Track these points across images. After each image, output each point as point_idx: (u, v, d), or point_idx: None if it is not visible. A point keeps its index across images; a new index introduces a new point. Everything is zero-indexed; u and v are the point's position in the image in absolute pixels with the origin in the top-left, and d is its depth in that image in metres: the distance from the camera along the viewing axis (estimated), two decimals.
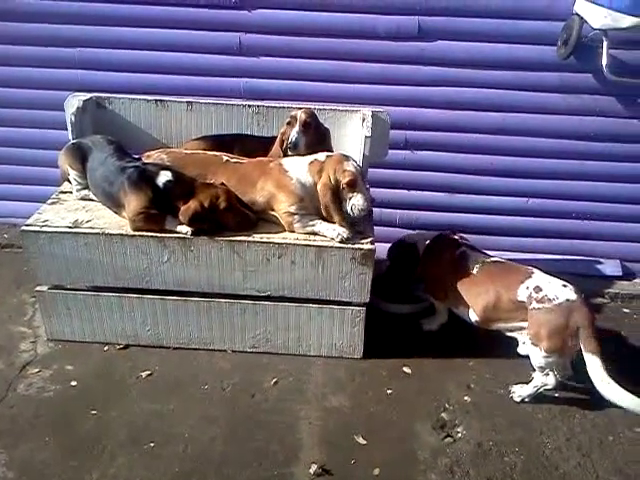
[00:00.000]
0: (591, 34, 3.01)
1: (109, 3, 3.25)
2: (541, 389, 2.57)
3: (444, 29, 3.18)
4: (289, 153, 2.76)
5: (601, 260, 3.60)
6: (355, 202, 2.59)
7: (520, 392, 2.62)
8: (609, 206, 3.50)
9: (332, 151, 2.80)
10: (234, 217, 2.59)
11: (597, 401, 2.42)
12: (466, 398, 2.64)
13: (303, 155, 2.72)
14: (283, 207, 2.61)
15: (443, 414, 2.55)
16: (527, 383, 2.61)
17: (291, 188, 2.59)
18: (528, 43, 3.17)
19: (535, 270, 2.61)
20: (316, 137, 2.81)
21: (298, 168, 2.63)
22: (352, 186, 2.57)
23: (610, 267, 3.57)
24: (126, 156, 2.72)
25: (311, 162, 2.64)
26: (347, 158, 2.64)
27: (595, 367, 2.36)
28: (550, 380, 2.53)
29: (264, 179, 2.65)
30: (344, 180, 2.56)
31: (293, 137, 2.74)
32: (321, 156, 2.66)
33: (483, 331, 2.73)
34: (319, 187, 2.58)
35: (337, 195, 2.59)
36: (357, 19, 3.18)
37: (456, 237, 2.90)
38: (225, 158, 2.76)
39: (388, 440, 2.42)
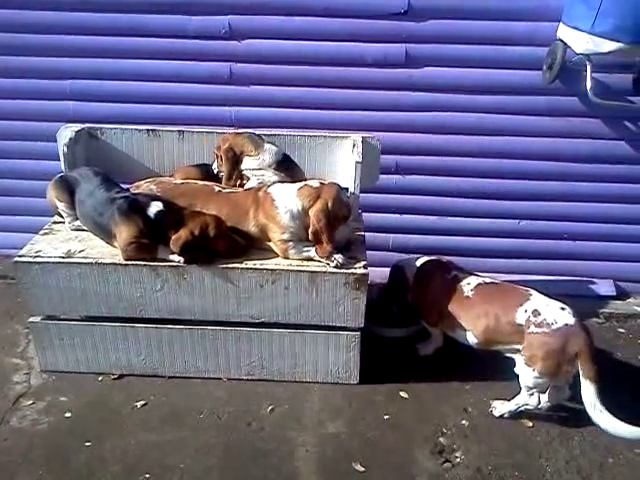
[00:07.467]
0: (575, 58, 3.06)
1: (100, 36, 3.29)
2: (522, 407, 2.57)
3: (431, 56, 3.24)
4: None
5: (594, 280, 3.61)
6: (343, 231, 2.68)
7: (500, 408, 2.62)
8: (600, 226, 3.53)
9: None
10: (225, 244, 2.58)
11: None
12: (464, 422, 2.62)
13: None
14: (276, 236, 2.62)
15: (441, 439, 2.53)
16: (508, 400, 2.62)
17: (280, 217, 2.59)
18: (514, 68, 3.23)
19: (533, 292, 2.59)
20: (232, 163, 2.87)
21: (286, 196, 2.62)
22: (347, 219, 2.67)
23: (604, 287, 3.59)
24: (114, 187, 2.72)
25: (301, 188, 2.64)
26: (341, 188, 2.69)
27: (589, 394, 2.35)
28: (533, 401, 2.53)
29: (255, 209, 2.65)
30: (343, 213, 2.64)
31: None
32: (313, 182, 2.68)
33: (479, 354, 2.73)
34: (313, 212, 2.57)
35: (331, 222, 2.60)
36: (345, 47, 3.24)
37: (446, 261, 2.91)
38: (217, 188, 2.76)
39: (386, 467, 2.39)
